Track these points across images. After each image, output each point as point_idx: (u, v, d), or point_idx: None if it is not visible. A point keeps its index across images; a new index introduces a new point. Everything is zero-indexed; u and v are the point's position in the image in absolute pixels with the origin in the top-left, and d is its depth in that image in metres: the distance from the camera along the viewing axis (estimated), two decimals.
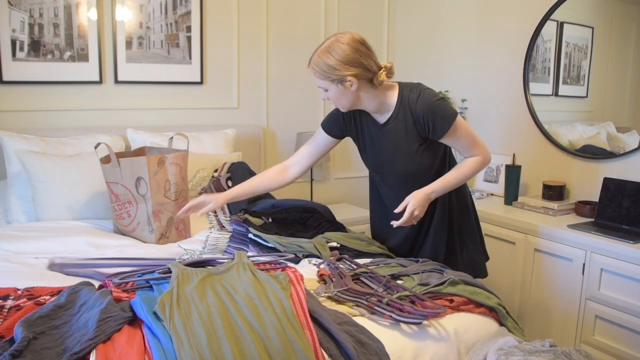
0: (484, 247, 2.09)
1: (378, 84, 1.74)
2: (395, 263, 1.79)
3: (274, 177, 1.98)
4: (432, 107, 1.76)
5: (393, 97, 1.80)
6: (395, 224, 1.77)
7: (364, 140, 1.92)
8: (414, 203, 1.73)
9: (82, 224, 2.21)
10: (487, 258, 2.09)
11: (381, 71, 1.74)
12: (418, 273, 1.67)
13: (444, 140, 1.80)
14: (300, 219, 2.19)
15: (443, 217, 1.93)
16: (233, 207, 2.39)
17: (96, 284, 1.51)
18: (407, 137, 1.81)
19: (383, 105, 1.81)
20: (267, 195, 2.56)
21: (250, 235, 1.99)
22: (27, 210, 2.30)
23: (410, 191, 1.78)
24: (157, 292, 1.37)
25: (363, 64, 1.69)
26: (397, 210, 1.75)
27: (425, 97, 1.77)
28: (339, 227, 2.13)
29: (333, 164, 3.50)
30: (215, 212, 2.42)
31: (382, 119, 1.85)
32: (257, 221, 2.10)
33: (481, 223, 2.59)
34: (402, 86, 1.81)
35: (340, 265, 1.72)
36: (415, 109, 1.76)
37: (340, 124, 1.93)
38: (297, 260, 1.83)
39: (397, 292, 1.52)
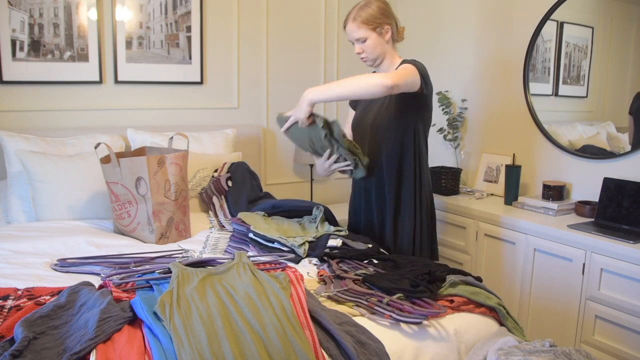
0: (435, 247, 2.23)
1: (398, 40, 2.12)
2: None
3: None
4: (409, 60, 2.03)
5: (397, 62, 2.10)
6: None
7: (364, 102, 2.22)
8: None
9: (82, 224, 2.21)
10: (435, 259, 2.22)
11: (400, 31, 2.11)
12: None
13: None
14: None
15: (411, 213, 2.09)
16: (234, 208, 2.39)
17: (96, 284, 1.51)
18: (387, 96, 2.01)
19: (389, 67, 2.10)
20: (267, 196, 2.56)
21: (251, 235, 1.99)
22: (27, 210, 2.30)
23: (379, 147, 2.06)
24: (157, 292, 1.37)
25: (395, 18, 2.08)
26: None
27: (411, 60, 2.04)
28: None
29: None
30: (215, 212, 2.42)
31: None
32: (256, 218, 2.11)
33: (482, 223, 2.62)
34: (404, 59, 2.11)
35: (341, 266, 1.72)
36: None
37: None
38: (297, 260, 1.83)
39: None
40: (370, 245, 1.94)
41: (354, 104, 2.29)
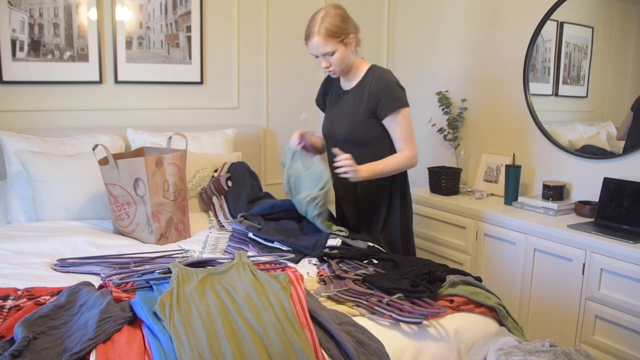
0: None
1: (358, 45, 2.04)
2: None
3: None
4: (388, 86, 1.98)
5: (364, 68, 2.06)
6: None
7: (329, 103, 2.21)
8: (353, 163, 1.91)
9: (82, 224, 2.21)
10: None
11: (358, 32, 2.03)
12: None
13: (385, 122, 2.01)
14: (298, 219, 2.19)
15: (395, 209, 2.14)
16: (234, 208, 2.39)
17: (96, 284, 1.51)
18: (358, 105, 2.03)
19: (356, 73, 2.07)
20: (267, 196, 2.56)
21: (250, 235, 1.99)
22: (27, 210, 2.30)
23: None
24: (157, 292, 1.37)
25: (354, 24, 2.00)
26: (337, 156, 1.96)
27: (387, 77, 2.01)
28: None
29: None
30: (215, 212, 2.42)
31: (347, 86, 2.11)
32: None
33: (482, 223, 2.62)
34: (375, 65, 2.08)
35: (341, 266, 1.72)
36: (374, 83, 2.00)
37: (324, 93, 2.25)
38: (297, 260, 1.83)
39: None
40: (369, 244, 1.95)
41: (322, 106, 2.28)
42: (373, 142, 2.04)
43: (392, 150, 2.07)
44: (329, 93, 2.22)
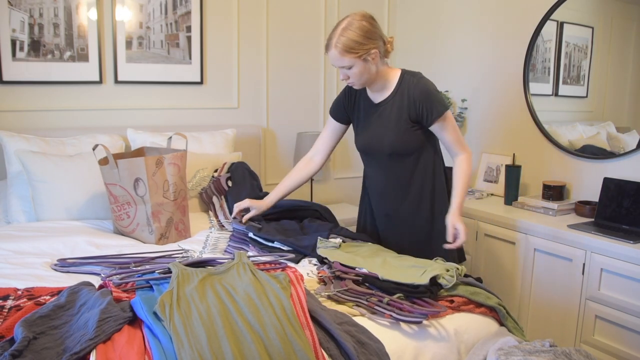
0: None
1: (386, 56, 1.91)
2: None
3: (301, 171, 2.14)
4: (428, 93, 1.89)
5: (395, 77, 1.94)
6: (447, 246, 1.87)
7: (358, 118, 2.05)
8: (456, 224, 1.87)
9: (82, 224, 2.20)
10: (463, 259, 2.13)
11: (388, 44, 1.90)
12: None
13: (433, 128, 1.94)
14: (298, 218, 2.19)
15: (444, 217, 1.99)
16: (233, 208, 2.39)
17: (96, 284, 1.51)
18: (399, 117, 1.92)
19: (385, 83, 1.94)
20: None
21: (251, 235, 1.99)
22: (27, 210, 2.30)
23: (395, 172, 1.98)
24: (157, 292, 1.37)
25: (380, 37, 1.84)
26: (449, 240, 1.87)
27: (423, 83, 1.92)
28: (339, 229, 2.12)
29: (333, 164, 3.50)
30: (215, 212, 2.42)
31: (378, 97, 1.98)
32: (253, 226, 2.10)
33: (482, 223, 2.61)
34: (405, 71, 1.96)
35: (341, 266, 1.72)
36: (412, 91, 1.90)
37: (345, 106, 2.07)
38: (297, 260, 1.83)
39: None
40: (370, 244, 1.94)
41: (341, 116, 2.08)
42: (417, 151, 1.97)
43: (436, 155, 2.02)
44: (355, 108, 2.05)
